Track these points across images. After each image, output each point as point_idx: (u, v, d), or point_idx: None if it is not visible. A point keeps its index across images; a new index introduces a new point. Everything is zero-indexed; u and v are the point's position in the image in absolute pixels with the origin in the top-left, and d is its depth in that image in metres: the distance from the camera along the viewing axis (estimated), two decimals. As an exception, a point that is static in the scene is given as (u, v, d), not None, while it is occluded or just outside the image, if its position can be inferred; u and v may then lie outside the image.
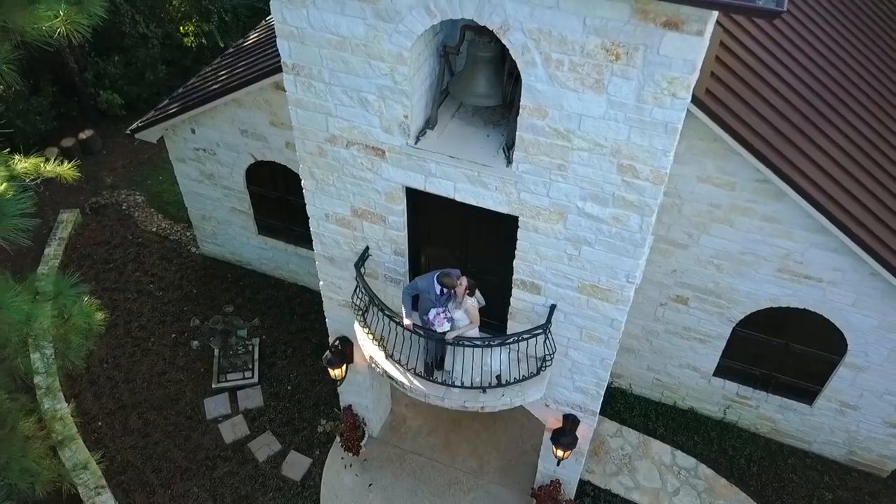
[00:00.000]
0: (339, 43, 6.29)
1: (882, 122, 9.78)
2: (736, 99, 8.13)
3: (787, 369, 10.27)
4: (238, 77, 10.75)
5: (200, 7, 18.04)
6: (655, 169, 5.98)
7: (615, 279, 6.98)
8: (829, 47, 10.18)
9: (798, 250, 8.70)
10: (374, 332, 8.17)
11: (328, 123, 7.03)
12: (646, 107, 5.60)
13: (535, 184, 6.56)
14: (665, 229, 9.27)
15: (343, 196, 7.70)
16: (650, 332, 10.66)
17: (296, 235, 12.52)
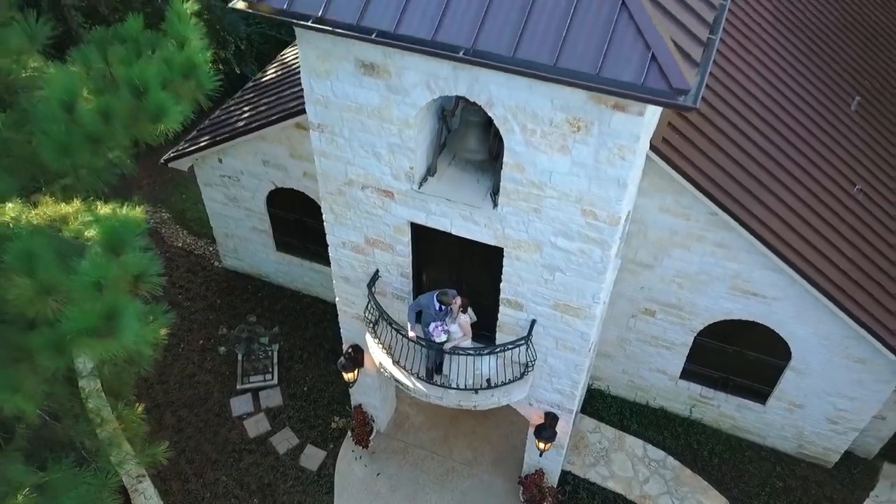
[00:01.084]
0: (357, 109, 7.77)
1: (820, 157, 11.27)
2: (688, 144, 9.61)
3: (743, 373, 11.74)
4: (262, 116, 12.23)
5: (218, 37, 19.49)
6: (611, 213, 7.45)
7: (583, 299, 8.46)
8: (769, 95, 11.66)
9: (745, 271, 10.18)
10: (383, 342, 9.66)
11: (347, 170, 8.51)
12: (601, 166, 7.08)
13: (516, 222, 8.04)
14: (633, 252, 10.74)
15: (358, 228, 9.18)
16: (624, 340, 12.13)
17: (311, 252, 13.98)
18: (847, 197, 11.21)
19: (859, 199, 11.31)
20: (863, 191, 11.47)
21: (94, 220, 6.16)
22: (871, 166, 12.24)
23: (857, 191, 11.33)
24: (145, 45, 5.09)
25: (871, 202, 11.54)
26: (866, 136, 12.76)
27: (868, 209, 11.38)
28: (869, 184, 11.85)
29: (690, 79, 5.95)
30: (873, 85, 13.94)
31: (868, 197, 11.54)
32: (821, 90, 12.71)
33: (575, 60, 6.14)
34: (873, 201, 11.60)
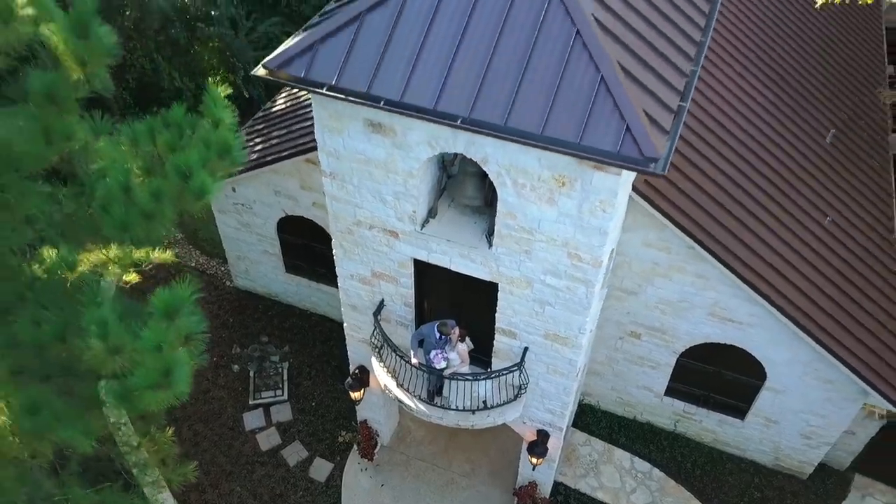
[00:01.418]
0: (366, 161, 8.62)
1: (794, 189, 12.12)
2: (668, 184, 10.45)
3: (722, 391, 12.58)
4: (274, 150, 13.08)
5: (227, 61, 20.36)
6: (594, 257, 8.29)
7: (570, 330, 9.31)
8: (746, 131, 12.50)
9: (722, 300, 11.02)
10: (388, 366, 10.51)
11: (356, 213, 9.35)
12: (584, 216, 7.92)
13: (509, 261, 8.88)
14: (619, 280, 11.58)
15: (365, 262, 10.02)
16: (612, 360, 12.98)
17: (318, 275, 14.83)
18: (819, 227, 12.07)
19: (830, 229, 12.16)
20: (833, 221, 12.32)
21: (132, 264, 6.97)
22: (844, 196, 13.10)
23: (828, 221, 12.18)
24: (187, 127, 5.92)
25: (841, 231, 12.39)
26: (840, 167, 13.62)
27: (838, 238, 12.24)
28: (840, 213, 12.71)
29: (660, 147, 6.81)
30: (849, 116, 14.80)
31: (838, 226, 12.39)
32: (797, 123, 13.57)
33: (559, 130, 6.99)
34: (843, 230, 12.46)
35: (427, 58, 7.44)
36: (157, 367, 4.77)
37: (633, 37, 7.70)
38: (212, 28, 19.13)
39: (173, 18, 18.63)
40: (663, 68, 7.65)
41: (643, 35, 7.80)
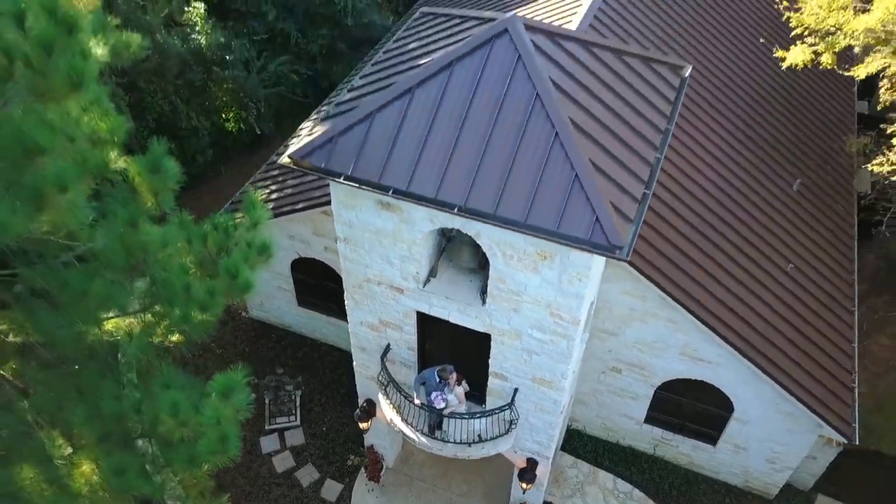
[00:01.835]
0: (375, 231, 9.93)
1: (759, 238, 13.43)
2: (642, 241, 11.76)
3: (696, 420, 13.88)
4: (289, 200, 14.38)
5: (239, 99, 21.66)
6: (573, 316, 9.60)
7: (554, 375, 10.62)
8: (715, 183, 13.81)
9: (692, 342, 12.32)
10: (393, 402, 11.81)
11: (366, 271, 10.66)
12: (563, 284, 9.23)
13: (500, 316, 10.19)
14: (601, 322, 12.88)
15: (374, 312, 11.33)
16: (596, 391, 14.27)
17: (328, 309, 16.13)
18: (781, 273, 13.38)
19: (792, 275, 13.47)
20: (795, 267, 13.63)
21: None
22: (807, 242, 14.41)
23: (790, 268, 13.49)
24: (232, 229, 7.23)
25: (802, 275, 13.70)
26: (805, 213, 14.94)
27: (800, 283, 13.54)
28: (803, 259, 14.02)
29: (624, 235, 8.12)
30: (816, 162, 16.10)
31: (800, 271, 13.70)
32: (764, 173, 14.88)
33: (540, 219, 8.30)
34: (805, 275, 13.77)
35: (429, 153, 8.76)
36: (216, 436, 6.05)
37: (604, 132, 9.01)
38: (226, 71, 20.43)
39: (191, 63, 19.92)
40: (630, 160, 8.96)
41: (613, 130, 9.11)
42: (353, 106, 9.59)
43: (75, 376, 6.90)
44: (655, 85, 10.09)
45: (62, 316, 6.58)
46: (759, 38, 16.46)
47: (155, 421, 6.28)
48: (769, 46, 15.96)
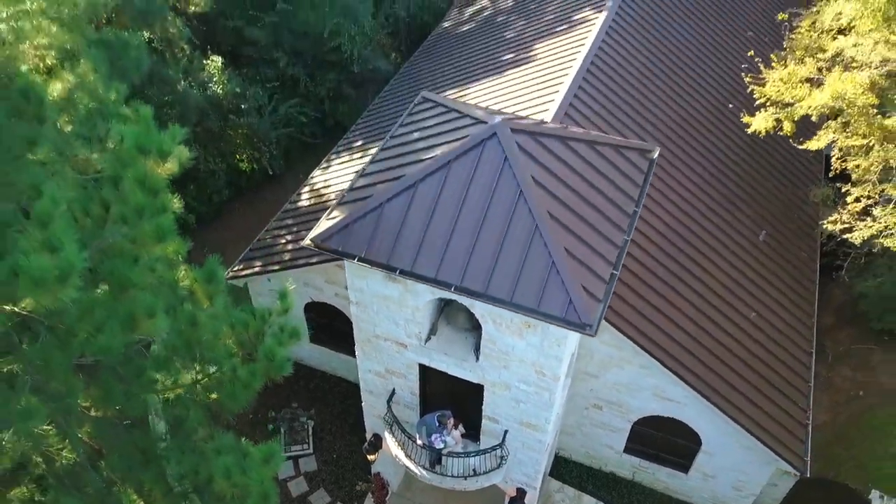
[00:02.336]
0: (383, 297, 11.52)
1: (724, 288, 15.02)
2: (616, 298, 13.33)
3: (669, 451, 15.46)
4: (305, 254, 15.95)
5: (253, 143, 23.24)
6: (554, 374, 11.19)
7: (538, 420, 12.20)
8: (683, 238, 15.39)
9: (661, 385, 13.90)
10: (398, 439, 13.40)
11: (374, 329, 12.26)
12: (545, 348, 10.82)
13: (492, 371, 11.78)
14: (584, 366, 14.46)
15: (381, 362, 12.92)
16: (580, 424, 15.86)
17: (337, 345, 17.71)
18: (744, 321, 14.96)
19: (755, 322, 15.06)
20: (759, 315, 15.21)
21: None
22: (771, 290, 16.00)
23: (753, 316, 15.07)
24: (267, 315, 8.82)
25: (764, 321, 15.29)
26: (770, 262, 16.53)
27: (761, 328, 15.13)
28: (766, 305, 15.60)
29: (594, 315, 9.71)
30: (782, 211, 17.69)
31: (762, 317, 15.29)
32: (732, 226, 16.45)
33: (523, 298, 9.89)
34: (766, 320, 15.36)
35: (430, 239, 10.35)
36: (259, 494, 7.63)
37: (577, 221, 10.60)
38: (242, 119, 22.03)
39: (209, 111, 21.52)
40: (600, 244, 10.56)
41: (585, 218, 10.70)
42: (365, 194, 11.18)
43: (142, 439, 8.50)
44: (625, 170, 11.68)
45: (131, 390, 8.17)
46: (728, 104, 18.04)
47: (209, 480, 7.87)
48: (738, 111, 17.50)
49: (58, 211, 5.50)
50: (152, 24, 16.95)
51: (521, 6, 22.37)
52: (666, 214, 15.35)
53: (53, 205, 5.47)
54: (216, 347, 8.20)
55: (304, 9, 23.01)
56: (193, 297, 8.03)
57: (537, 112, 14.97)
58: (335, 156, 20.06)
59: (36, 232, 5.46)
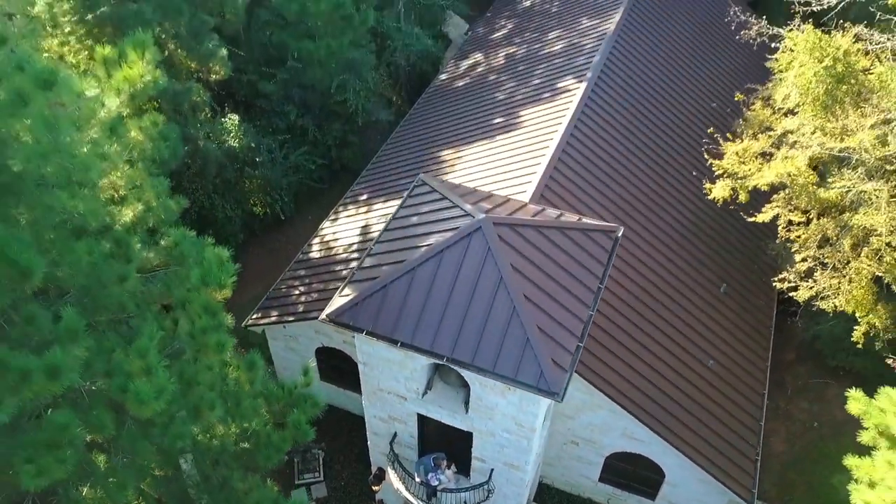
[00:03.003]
0: (388, 359, 13.62)
1: (686, 339, 17.11)
2: (586, 352, 15.42)
3: (638, 481, 17.55)
4: (317, 306, 18.02)
5: (265, 190, 25.32)
6: (531, 426, 13.29)
7: (519, 461, 14.30)
8: (651, 294, 17.48)
9: (629, 426, 15.98)
10: (399, 475, 15.50)
11: (379, 384, 14.35)
12: (523, 406, 12.91)
13: (479, 421, 13.87)
14: (562, 409, 16.53)
15: (384, 410, 15.02)
16: (560, 457, 17.95)
17: (345, 383, 19.80)
18: (702, 368, 17.06)
19: (712, 369, 17.15)
20: (716, 362, 17.30)
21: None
22: (729, 337, 18.09)
23: (711, 364, 17.17)
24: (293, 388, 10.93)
25: (721, 368, 17.39)
26: (729, 311, 18.62)
27: (718, 374, 17.22)
28: (723, 353, 17.70)
29: (561, 384, 11.80)
30: (743, 264, 19.78)
31: (720, 364, 17.39)
32: (694, 279, 18.54)
33: (503, 368, 11.99)
34: (723, 366, 17.45)
35: (426, 317, 12.45)
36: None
37: (549, 301, 12.69)
38: (256, 170, 24.14)
39: (226, 164, 23.61)
40: (568, 320, 12.65)
41: (556, 298, 12.79)
42: (372, 274, 13.27)
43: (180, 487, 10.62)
44: (591, 251, 13.78)
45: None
46: (692, 171, 20.14)
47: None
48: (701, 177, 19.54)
49: (151, 345, 7.59)
50: (182, 103, 19.05)
51: (511, 67, 24.50)
52: (635, 273, 17.44)
53: (149, 340, 7.57)
54: (255, 418, 10.30)
55: (312, 66, 25.12)
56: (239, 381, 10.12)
57: (523, 181, 17.12)
58: (342, 207, 22.16)
59: (137, 361, 7.54)
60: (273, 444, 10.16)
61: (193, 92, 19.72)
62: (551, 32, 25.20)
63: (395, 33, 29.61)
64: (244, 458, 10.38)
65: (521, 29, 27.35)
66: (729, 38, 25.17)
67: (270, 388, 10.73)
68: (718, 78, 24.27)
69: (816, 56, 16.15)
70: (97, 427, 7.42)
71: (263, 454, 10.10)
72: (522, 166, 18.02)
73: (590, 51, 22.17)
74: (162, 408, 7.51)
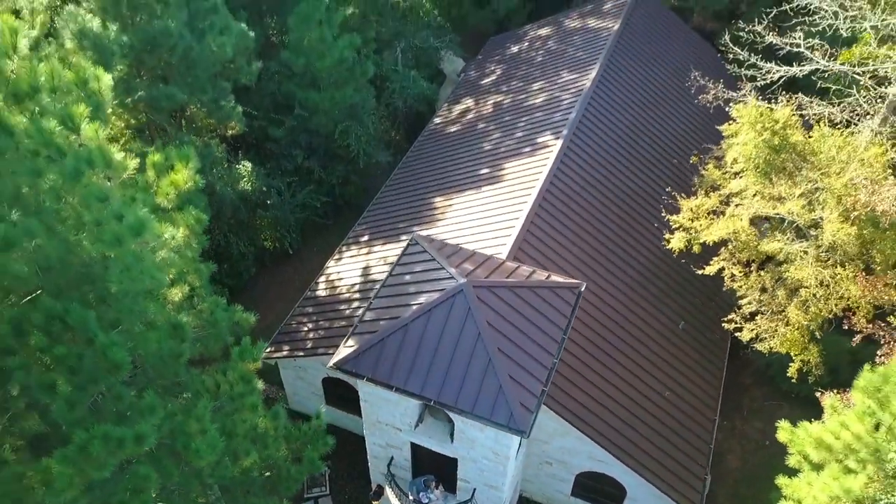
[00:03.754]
0: (385, 398, 16.17)
1: (645, 371, 19.66)
2: (554, 387, 17.96)
3: (604, 496, 20.09)
4: (324, 343, 20.57)
5: (275, 228, 27.86)
6: (505, 455, 15.84)
7: (497, 482, 16.86)
8: (609, 340, 20.01)
9: (594, 450, 18.51)
10: (395, 492, 18.07)
11: (378, 417, 16.91)
12: (499, 439, 15.45)
13: (462, 449, 16.43)
14: (537, 434, 19.08)
15: (382, 438, 17.58)
16: (537, 475, 20.50)
17: (347, 408, 22.34)
18: (660, 399, 19.60)
19: (668, 398, 19.70)
20: (673, 392, 19.84)
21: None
22: (685, 370, 20.63)
23: (667, 395, 19.71)
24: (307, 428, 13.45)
25: (676, 397, 19.93)
26: (686, 346, 21.16)
27: (674, 403, 19.77)
28: (679, 384, 20.25)
29: (527, 423, 14.34)
30: (701, 301, 22.31)
31: (675, 394, 19.93)
32: (657, 318, 21.08)
33: (480, 410, 14.53)
34: (679, 396, 19.99)
35: (417, 366, 14.99)
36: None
37: (519, 352, 15.23)
38: (268, 212, 26.69)
39: (240, 206, 26.15)
40: (534, 368, 15.19)
41: (525, 349, 15.33)
42: (372, 328, 15.80)
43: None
44: (557, 306, 16.32)
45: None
46: (654, 223, 22.67)
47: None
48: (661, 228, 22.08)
49: (206, 412, 10.11)
50: (206, 164, 21.58)
51: (498, 116, 27.04)
52: (601, 315, 19.98)
53: (204, 409, 10.10)
54: (278, 456, 12.84)
55: (317, 114, 27.67)
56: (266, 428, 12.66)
57: (504, 233, 19.67)
58: (346, 247, 24.70)
59: (195, 423, 10.06)
60: (292, 477, 12.68)
61: (214, 150, 22.22)
62: (535, 83, 27.73)
63: (393, 75, 32.14)
64: (268, 487, 12.90)
65: (508, 77, 29.88)
66: (694, 97, 27.69)
67: (290, 429, 13.23)
68: (682, 135, 26.76)
69: (757, 129, 18.66)
70: (166, 474, 9.91)
71: (284, 486, 12.61)
72: (504, 219, 20.57)
73: (567, 107, 24.70)
74: (214, 459, 10.01)
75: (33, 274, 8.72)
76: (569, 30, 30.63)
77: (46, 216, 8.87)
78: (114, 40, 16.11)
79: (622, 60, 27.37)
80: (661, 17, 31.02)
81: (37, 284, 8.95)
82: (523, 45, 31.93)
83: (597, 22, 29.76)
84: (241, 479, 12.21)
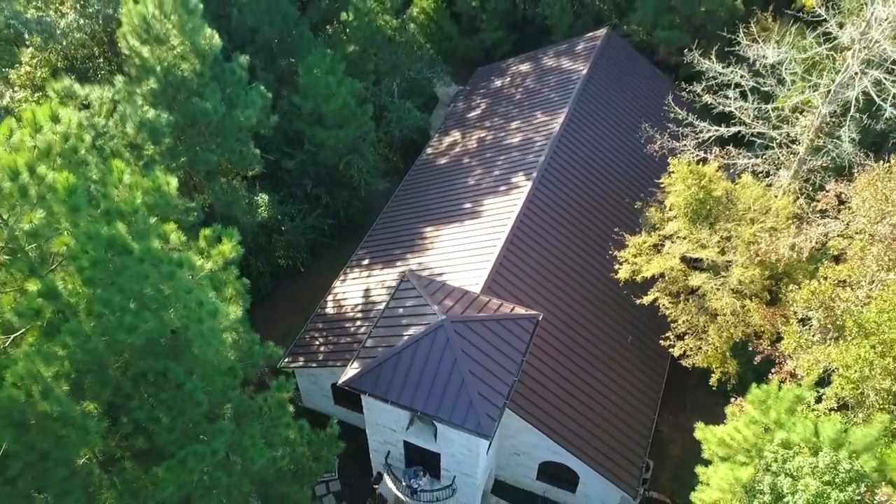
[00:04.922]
0: (383, 407, 20.61)
1: (598, 381, 24.11)
2: (517, 394, 22.39)
3: (562, 479, 24.62)
4: (333, 356, 24.97)
5: (288, 250, 32.09)
6: (477, 451, 20.32)
7: (472, 472, 21.38)
8: (565, 355, 24.42)
9: (550, 444, 22.99)
10: (391, 479, 22.62)
11: (377, 420, 21.38)
12: (471, 439, 19.93)
13: (444, 447, 20.91)
14: (506, 431, 23.54)
15: (380, 436, 22.07)
16: (508, 463, 25.00)
17: (352, 407, 26.80)
18: (607, 402, 24.04)
19: (614, 401, 24.14)
20: (619, 396, 24.29)
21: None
22: (630, 377, 25.06)
23: (613, 398, 24.16)
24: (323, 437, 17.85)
25: (622, 400, 24.38)
26: (633, 357, 25.58)
27: (620, 406, 24.22)
28: (624, 389, 24.70)
29: (491, 430, 18.79)
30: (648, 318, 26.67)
31: (621, 398, 24.39)
32: (606, 333, 25.46)
33: (455, 419, 18.98)
34: (624, 399, 24.45)
35: (408, 384, 19.40)
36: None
37: (487, 373, 19.62)
38: (283, 237, 30.95)
39: (259, 232, 30.39)
40: (498, 385, 19.59)
41: (491, 371, 19.72)
42: (373, 353, 20.18)
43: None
44: (517, 333, 20.69)
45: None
46: (606, 255, 26.93)
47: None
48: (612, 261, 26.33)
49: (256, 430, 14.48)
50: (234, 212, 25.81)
51: (480, 152, 31.18)
52: (559, 332, 24.36)
53: (255, 428, 14.47)
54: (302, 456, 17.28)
55: (324, 149, 31.80)
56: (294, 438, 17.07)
57: (481, 266, 23.98)
58: (349, 269, 29.01)
59: (248, 439, 14.45)
60: (312, 471, 17.05)
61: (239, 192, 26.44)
62: (513, 122, 31.83)
63: (391, 105, 36.19)
64: (294, 478, 17.30)
65: (491, 112, 33.95)
66: (644, 145, 31.73)
67: (311, 436, 17.60)
68: (635, 177, 30.85)
69: (687, 183, 22.86)
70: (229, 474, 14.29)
71: (306, 478, 17.00)
72: (481, 253, 24.86)
73: (538, 149, 28.85)
74: (262, 464, 14.37)
75: (143, 344, 13.04)
76: (545, 68, 34.60)
77: (150, 304, 13.15)
78: (164, 124, 20.25)
79: (588, 105, 31.43)
80: (627, 58, 34.97)
81: (145, 351, 13.30)
82: (505, 79, 35.91)
83: (569, 63, 33.73)
84: (276, 474, 16.61)
